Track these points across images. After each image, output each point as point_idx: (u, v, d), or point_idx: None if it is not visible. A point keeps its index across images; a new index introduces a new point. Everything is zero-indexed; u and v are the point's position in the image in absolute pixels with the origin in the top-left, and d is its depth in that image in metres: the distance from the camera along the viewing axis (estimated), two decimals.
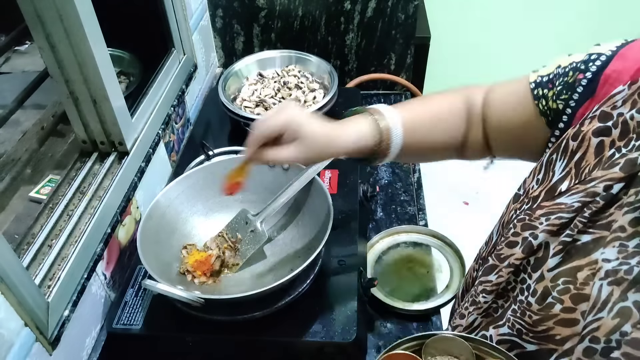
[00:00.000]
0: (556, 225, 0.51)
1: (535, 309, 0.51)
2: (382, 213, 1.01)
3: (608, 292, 0.45)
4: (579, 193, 0.49)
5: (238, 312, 0.71)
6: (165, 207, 0.81)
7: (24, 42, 1.19)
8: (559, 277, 0.49)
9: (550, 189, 0.53)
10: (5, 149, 0.89)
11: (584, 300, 0.47)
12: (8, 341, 0.58)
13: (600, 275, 0.46)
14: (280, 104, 0.61)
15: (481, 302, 0.60)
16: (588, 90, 0.54)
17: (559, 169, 0.54)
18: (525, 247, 0.53)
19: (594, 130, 0.50)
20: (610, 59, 0.54)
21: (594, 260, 0.47)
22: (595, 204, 0.48)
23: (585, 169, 0.51)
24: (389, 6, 1.26)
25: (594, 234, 0.48)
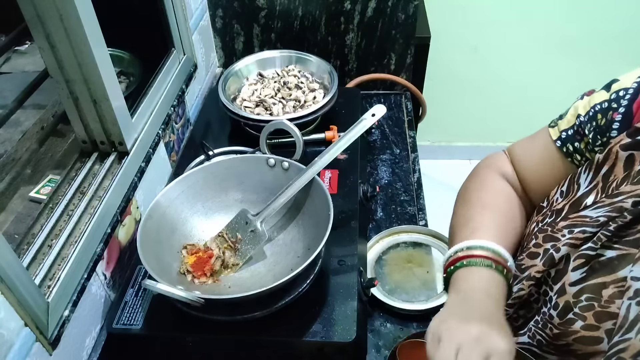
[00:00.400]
0: (580, 239, 0.49)
1: (556, 323, 0.50)
2: (382, 213, 1.01)
3: (637, 312, 0.43)
4: (606, 207, 0.48)
5: (238, 312, 0.71)
6: (165, 207, 0.81)
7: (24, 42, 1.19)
8: (582, 292, 0.48)
9: (575, 202, 0.52)
10: (5, 149, 0.89)
11: (609, 319, 0.46)
12: (8, 341, 0.58)
13: (629, 294, 0.44)
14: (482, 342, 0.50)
15: None
16: (623, 124, 0.53)
17: (584, 182, 0.53)
18: (546, 259, 0.52)
19: (622, 144, 0.49)
20: (638, 89, 0.53)
21: (620, 278, 0.46)
22: (622, 219, 0.47)
23: (613, 183, 0.49)
24: (389, 6, 1.26)
25: (620, 250, 0.47)
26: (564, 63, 2.09)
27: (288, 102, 1.11)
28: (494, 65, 2.14)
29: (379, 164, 1.12)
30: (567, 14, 1.99)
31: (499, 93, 2.22)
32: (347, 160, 1.01)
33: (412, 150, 1.16)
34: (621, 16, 1.95)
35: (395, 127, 1.22)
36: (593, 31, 1.99)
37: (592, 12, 1.97)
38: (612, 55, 1.97)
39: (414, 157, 1.14)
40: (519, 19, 2.01)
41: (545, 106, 1.43)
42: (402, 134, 1.20)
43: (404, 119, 1.25)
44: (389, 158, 1.14)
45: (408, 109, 1.28)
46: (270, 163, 0.85)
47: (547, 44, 2.06)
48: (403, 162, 1.13)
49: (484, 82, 2.19)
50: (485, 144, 2.43)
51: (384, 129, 1.21)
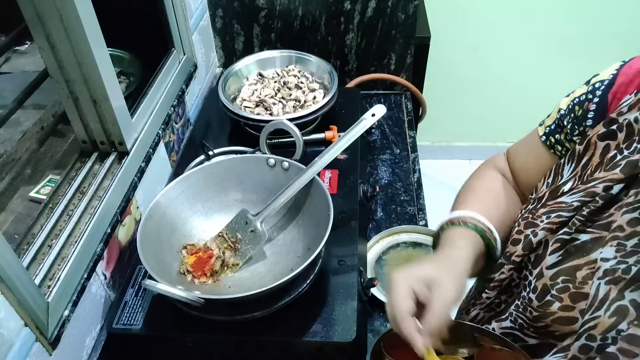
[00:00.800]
0: (555, 223, 0.52)
1: (535, 306, 0.52)
2: (382, 213, 1.01)
3: (606, 291, 0.45)
4: (580, 192, 0.50)
5: (238, 312, 0.71)
6: (165, 207, 0.81)
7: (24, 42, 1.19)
8: (558, 275, 0.50)
9: (554, 190, 0.55)
10: (5, 149, 0.89)
11: (583, 299, 0.48)
12: (8, 341, 0.58)
13: (598, 274, 0.46)
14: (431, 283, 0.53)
15: (484, 298, 0.61)
16: (598, 113, 0.56)
17: (566, 173, 0.55)
18: (525, 244, 0.54)
19: (600, 134, 0.51)
20: (614, 80, 0.55)
21: (593, 260, 0.48)
22: (594, 204, 0.48)
23: (588, 170, 0.51)
24: (389, 6, 1.26)
25: (593, 233, 0.49)
26: (564, 63, 2.09)
27: (288, 102, 1.11)
28: (494, 65, 2.14)
29: (379, 164, 1.12)
30: (567, 13, 1.99)
31: (499, 93, 2.22)
32: (347, 160, 1.01)
33: (412, 150, 1.16)
34: (621, 16, 1.95)
35: (395, 127, 1.22)
36: (593, 31, 1.99)
37: (592, 11, 1.97)
38: (612, 55, 1.96)
39: (414, 157, 1.14)
40: (519, 19, 2.01)
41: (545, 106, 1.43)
42: (402, 134, 1.20)
43: (404, 119, 1.25)
44: (389, 158, 1.14)
45: (408, 109, 1.28)
46: (270, 163, 0.85)
47: (547, 44, 2.06)
48: (403, 162, 1.13)
49: (484, 82, 2.19)
50: (485, 144, 2.43)
51: (384, 129, 1.21)
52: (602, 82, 0.57)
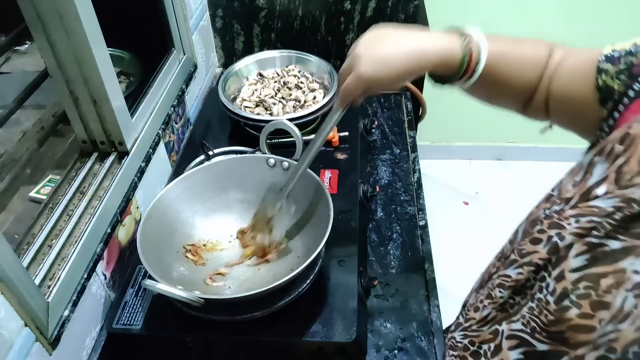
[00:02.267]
0: (586, 228, 0.48)
1: (552, 309, 0.50)
2: (382, 213, 1.01)
3: (632, 304, 0.43)
4: (616, 198, 0.47)
5: (238, 312, 0.71)
6: (165, 207, 0.81)
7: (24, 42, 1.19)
8: (580, 280, 0.48)
9: (586, 192, 0.51)
10: (5, 149, 0.89)
11: (604, 308, 0.46)
12: (8, 341, 0.58)
13: (627, 286, 0.44)
14: (353, 55, 0.62)
15: (497, 297, 0.59)
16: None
17: (598, 172, 0.51)
18: (550, 246, 0.52)
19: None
20: None
21: (621, 269, 0.45)
22: (629, 209, 0.45)
23: (627, 175, 0.48)
24: (389, 6, 1.26)
25: (625, 241, 0.46)
26: None
27: (288, 102, 1.11)
28: None
29: (379, 164, 1.12)
30: (567, 14, 1.99)
31: None
32: (347, 160, 1.01)
33: (412, 150, 1.16)
34: (621, 16, 1.95)
35: (395, 127, 1.22)
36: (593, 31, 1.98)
37: (592, 12, 1.97)
38: None
39: (414, 157, 1.14)
40: (519, 19, 2.01)
41: None
42: (402, 134, 1.20)
43: (404, 119, 1.25)
44: (389, 158, 1.14)
45: (408, 109, 1.28)
46: (270, 163, 0.85)
47: None
48: (403, 162, 1.13)
49: None
50: (485, 144, 2.43)
51: (384, 129, 1.21)
52: None
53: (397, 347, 0.78)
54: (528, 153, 2.37)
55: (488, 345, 0.59)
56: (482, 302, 0.62)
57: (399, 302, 0.85)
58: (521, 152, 2.31)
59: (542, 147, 2.31)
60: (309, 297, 0.74)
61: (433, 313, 0.83)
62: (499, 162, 2.47)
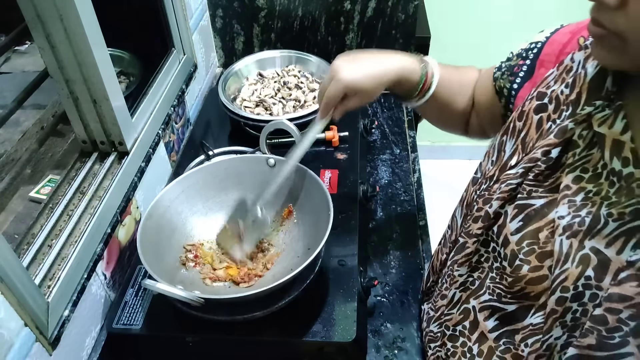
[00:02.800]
0: (506, 192, 0.56)
1: (508, 272, 0.55)
2: (382, 213, 1.01)
3: (568, 245, 0.49)
4: (523, 162, 0.55)
5: (238, 312, 0.71)
6: (165, 207, 0.81)
7: (24, 42, 1.19)
8: (523, 239, 0.54)
9: (503, 166, 0.59)
10: (5, 149, 0.89)
11: (548, 257, 0.52)
12: (8, 341, 0.58)
13: (559, 231, 0.50)
14: (332, 68, 0.71)
15: (456, 276, 0.64)
16: (527, 74, 0.64)
17: (509, 148, 0.60)
18: (484, 217, 0.59)
19: (534, 108, 0.57)
20: (543, 46, 0.63)
21: (551, 220, 0.52)
22: (538, 168, 0.53)
23: (530, 143, 0.56)
24: (389, 6, 1.26)
25: (546, 197, 0.53)
26: None
27: (288, 102, 1.11)
28: None
29: (379, 164, 1.12)
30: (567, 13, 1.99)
31: None
32: (347, 160, 1.01)
33: (412, 150, 1.16)
34: None
35: (395, 127, 1.22)
36: None
37: None
38: None
39: (414, 157, 1.14)
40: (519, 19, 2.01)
41: None
42: (402, 134, 1.20)
43: (404, 119, 1.25)
44: (389, 158, 1.14)
45: (408, 109, 1.28)
46: (270, 163, 0.85)
47: None
48: (403, 162, 1.13)
49: None
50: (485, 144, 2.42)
51: (384, 129, 1.21)
52: (537, 44, 0.64)
53: (397, 347, 0.78)
54: None
55: (462, 325, 0.64)
56: (446, 288, 0.67)
57: (399, 302, 0.85)
58: None
59: None
60: (309, 297, 0.74)
61: None
62: None
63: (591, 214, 0.48)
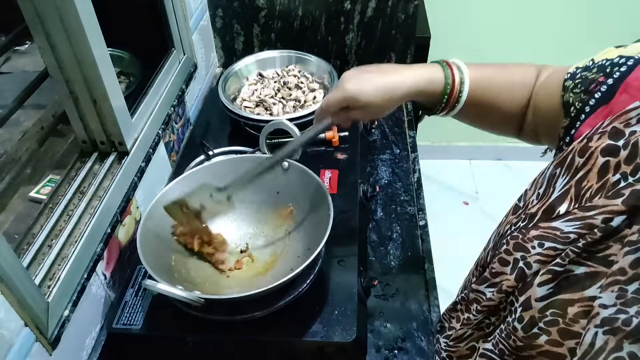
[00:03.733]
0: (550, 256, 0.48)
1: (520, 336, 0.49)
2: (382, 213, 1.01)
3: (603, 341, 0.42)
4: (577, 221, 0.46)
5: (238, 312, 0.71)
6: None
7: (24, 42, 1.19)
8: (548, 308, 0.47)
9: (548, 209, 0.50)
10: (5, 149, 0.89)
11: (572, 338, 0.45)
12: (8, 341, 0.58)
13: (596, 321, 0.43)
14: (342, 76, 0.68)
15: (471, 319, 0.59)
16: (604, 97, 0.51)
17: (559, 186, 0.50)
18: (517, 273, 0.51)
19: (603, 148, 0.46)
20: (636, 64, 0.49)
21: (587, 297, 0.45)
22: (592, 236, 0.45)
23: (587, 193, 0.47)
24: (389, 6, 1.26)
25: (590, 267, 0.45)
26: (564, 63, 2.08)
27: (288, 102, 1.11)
28: None
29: (379, 164, 1.12)
30: (567, 14, 1.99)
31: None
32: (347, 160, 1.01)
33: (412, 150, 1.16)
34: (622, 16, 1.95)
35: (395, 127, 1.22)
36: (593, 31, 1.99)
37: (592, 12, 1.97)
38: None
39: (414, 157, 1.14)
40: (518, 19, 2.01)
41: None
42: (402, 134, 1.20)
43: (404, 119, 1.25)
44: (389, 158, 1.14)
45: (408, 109, 1.28)
46: None
47: (546, 44, 2.06)
48: (403, 162, 1.13)
49: None
50: (485, 144, 2.43)
51: (384, 129, 1.21)
52: (627, 60, 0.51)
53: (397, 347, 0.78)
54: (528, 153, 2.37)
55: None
56: (461, 318, 0.61)
57: (399, 302, 0.85)
58: (521, 152, 2.31)
59: (542, 147, 2.31)
60: (309, 297, 0.74)
61: (433, 313, 0.83)
62: (499, 162, 2.47)
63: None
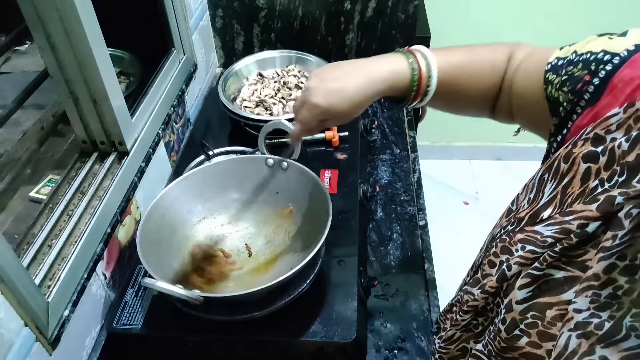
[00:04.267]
0: (529, 258, 0.49)
1: (503, 337, 0.50)
2: (382, 213, 1.01)
3: (576, 344, 0.43)
4: (555, 226, 0.47)
5: (238, 312, 0.71)
6: (165, 207, 0.81)
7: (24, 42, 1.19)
8: (528, 310, 0.48)
9: (534, 214, 0.51)
10: (5, 149, 0.89)
11: (550, 340, 0.46)
12: (8, 341, 0.58)
13: (570, 325, 0.44)
14: (306, 88, 0.67)
15: (459, 320, 0.59)
16: (592, 99, 0.50)
17: (548, 191, 0.51)
18: (499, 275, 0.52)
19: (584, 154, 0.46)
20: (622, 63, 0.48)
21: (564, 301, 0.45)
22: (568, 241, 0.45)
23: (569, 199, 0.47)
24: (389, 6, 1.26)
25: (569, 271, 0.46)
26: None
27: (288, 102, 1.11)
28: None
29: (379, 164, 1.12)
30: (568, 13, 1.99)
31: None
32: (347, 160, 1.01)
33: (412, 150, 1.16)
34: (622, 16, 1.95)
35: (395, 127, 1.22)
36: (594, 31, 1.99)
37: (593, 12, 1.97)
38: None
39: (414, 157, 1.14)
40: (519, 19, 2.01)
41: None
42: (402, 134, 1.20)
43: (404, 119, 1.25)
44: (389, 158, 1.14)
45: (408, 109, 1.28)
46: (269, 163, 0.85)
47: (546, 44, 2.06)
48: (403, 162, 1.13)
49: None
50: (485, 144, 2.43)
51: (384, 129, 1.21)
52: (613, 57, 0.48)
53: (397, 347, 0.78)
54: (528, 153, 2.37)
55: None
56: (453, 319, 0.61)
57: (399, 302, 0.85)
58: (521, 152, 2.31)
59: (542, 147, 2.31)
60: (309, 297, 0.74)
61: (433, 313, 0.83)
62: (499, 162, 2.47)
63: (613, 319, 0.41)
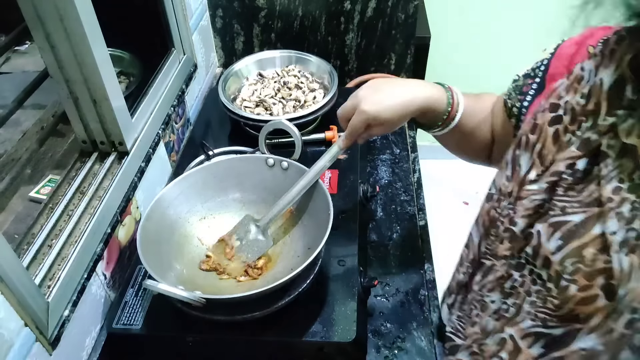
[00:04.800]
0: (530, 208, 0.53)
1: (554, 294, 0.52)
2: (382, 213, 1.01)
3: (628, 263, 0.45)
4: (546, 177, 0.53)
5: (238, 312, 0.71)
6: (165, 207, 0.81)
7: (24, 42, 1.19)
8: (565, 259, 0.50)
9: (522, 182, 0.56)
10: (5, 149, 0.89)
11: (599, 275, 0.48)
12: (8, 341, 0.58)
13: (614, 248, 0.46)
14: (357, 97, 0.73)
15: (488, 302, 0.60)
16: (538, 90, 0.64)
17: (524, 163, 0.57)
18: (510, 237, 0.56)
19: (549, 120, 0.55)
20: (550, 61, 0.63)
21: (595, 235, 0.48)
22: (564, 182, 0.51)
23: (549, 157, 0.54)
24: (389, 6, 1.26)
25: (584, 212, 0.50)
26: None
27: (288, 102, 1.11)
28: (494, 65, 2.14)
29: (379, 164, 1.12)
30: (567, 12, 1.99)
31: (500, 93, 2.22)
32: (347, 160, 1.01)
33: (412, 150, 1.16)
34: None
35: None
36: None
37: None
38: None
39: (414, 157, 1.14)
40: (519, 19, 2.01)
41: None
42: (402, 134, 1.20)
43: None
44: (389, 158, 1.14)
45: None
46: (269, 163, 0.85)
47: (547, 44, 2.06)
48: (403, 162, 1.13)
49: (484, 82, 2.19)
50: None
51: None
52: (543, 61, 0.64)
53: (397, 347, 0.78)
54: None
55: (499, 356, 0.58)
56: (477, 315, 0.62)
57: (399, 302, 0.85)
58: None
59: None
60: (309, 297, 0.74)
61: (433, 313, 0.83)
62: None
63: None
